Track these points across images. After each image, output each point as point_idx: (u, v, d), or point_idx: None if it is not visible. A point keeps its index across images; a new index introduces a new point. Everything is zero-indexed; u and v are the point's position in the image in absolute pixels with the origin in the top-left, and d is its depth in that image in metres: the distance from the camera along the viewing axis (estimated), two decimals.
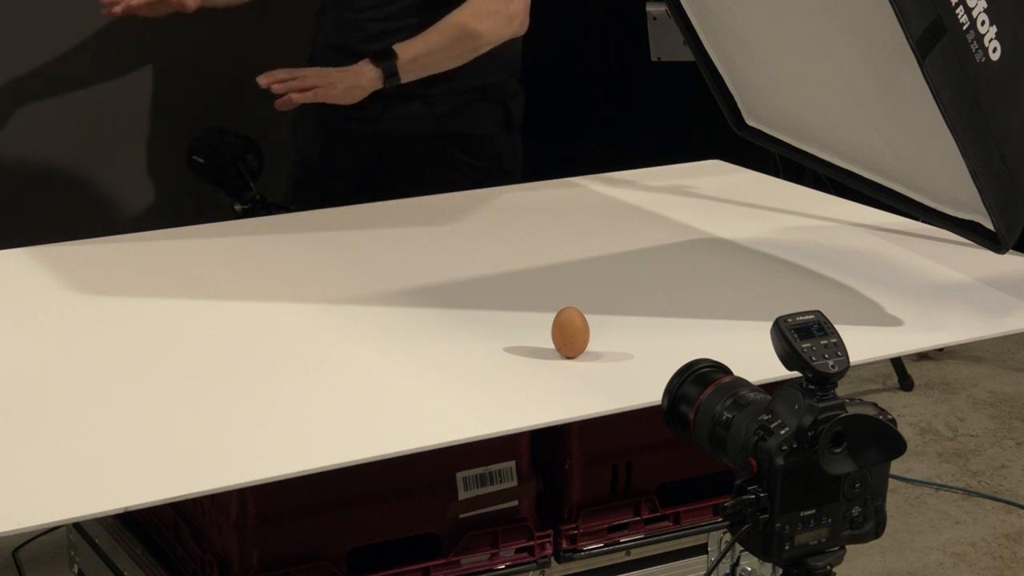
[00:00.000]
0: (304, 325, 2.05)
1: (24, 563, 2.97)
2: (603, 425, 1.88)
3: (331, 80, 2.78)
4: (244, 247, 2.44)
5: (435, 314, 2.08)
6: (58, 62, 3.64)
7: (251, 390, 1.83)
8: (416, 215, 2.60)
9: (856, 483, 1.42)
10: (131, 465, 1.62)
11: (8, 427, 1.71)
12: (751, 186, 2.77)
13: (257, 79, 2.74)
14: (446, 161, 2.93)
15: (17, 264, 2.32)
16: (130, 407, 1.77)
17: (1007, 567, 3.23)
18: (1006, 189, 1.94)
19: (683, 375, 1.50)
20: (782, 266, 2.28)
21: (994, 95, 1.88)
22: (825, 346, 1.40)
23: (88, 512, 1.59)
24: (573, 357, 1.89)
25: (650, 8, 4.05)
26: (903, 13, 1.79)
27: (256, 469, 1.60)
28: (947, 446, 3.81)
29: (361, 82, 2.80)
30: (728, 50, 2.36)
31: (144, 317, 2.08)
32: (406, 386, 1.83)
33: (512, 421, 1.74)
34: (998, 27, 1.86)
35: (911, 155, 2.11)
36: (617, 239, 2.42)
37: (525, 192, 2.77)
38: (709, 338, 1.98)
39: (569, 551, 2.00)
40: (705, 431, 1.46)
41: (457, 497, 1.92)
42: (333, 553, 1.87)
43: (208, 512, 1.89)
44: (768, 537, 1.40)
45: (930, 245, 2.37)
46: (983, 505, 3.50)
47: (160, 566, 2.02)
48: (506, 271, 2.28)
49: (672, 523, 2.06)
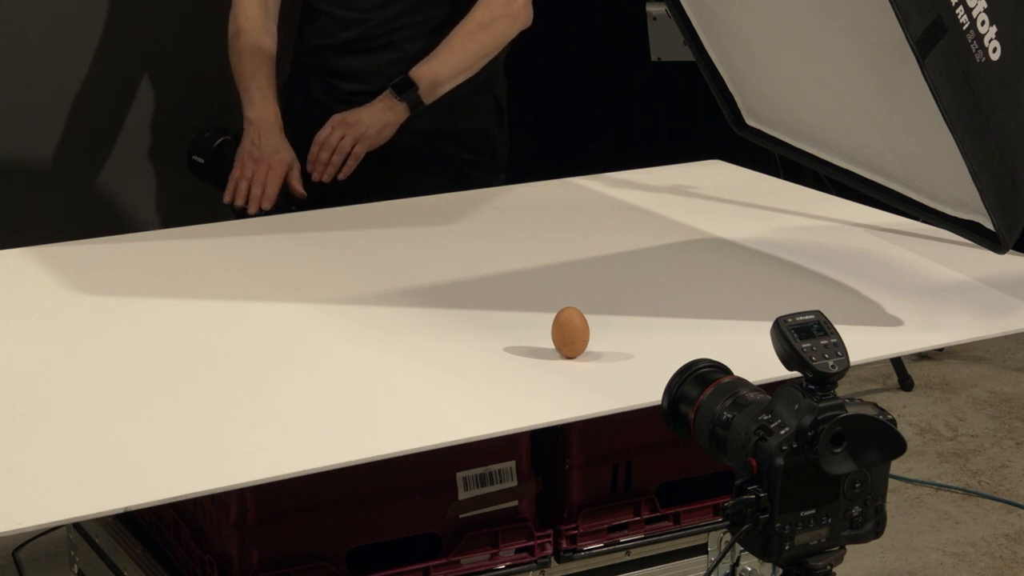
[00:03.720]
0: (304, 325, 2.05)
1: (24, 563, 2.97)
2: (603, 425, 1.88)
3: (362, 131, 2.80)
4: (244, 247, 2.44)
5: (435, 314, 2.08)
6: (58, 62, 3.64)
7: (251, 390, 1.83)
8: (416, 215, 2.60)
9: (856, 483, 1.42)
10: (131, 465, 1.62)
11: (8, 427, 1.71)
12: (751, 186, 2.77)
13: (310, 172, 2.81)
14: (442, 158, 2.93)
15: (17, 264, 2.32)
16: (130, 407, 1.77)
17: (1007, 567, 3.23)
18: (1006, 189, 1.94)
19: (683, 375, 1.50)
20: (782, 266, 2.28)
21: (994, 95, 1.88)
22: (825, 346, 1.40)
23: (88, 512, 1.59)
24: (573, 357, 1.89)
25: (650, 8, 4.06)
26: (903, 13, 1.79)
27: (256, 469, 1.60)
28: (947, 446, 3.81)
29: (390, 119, 2.81)
30: (728, 50, 2.36)
31: (144, 317, 2.08)
32: (406, 386, 1.83)
33: (512, 421, 1.74)
34: (998, 27, 1.86)
35: (911, 155, 2.11)
36: (617, 239, 2.42)
37: (525, 192, 2.77)
38: (709, 338, 1.98)
39: (569, 551, 2.00)
40: (705, 431, 1.46)
41: (457, 497, 1.92)
42: (333, 553, 1.87)
43: (208, 512, 1.89)
44: (768, 537, 1.40)
45: (930, 245, 2.37)
46: (983, 505, 3.50)
47: (160, 566, 2.02)
48: (506, 271, 2.28)
49: (672, 523, 2.06)
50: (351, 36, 2.89)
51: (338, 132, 2.81)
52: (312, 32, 2.95)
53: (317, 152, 2.82)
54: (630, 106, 4.92)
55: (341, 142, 2.80)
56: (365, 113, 2.81)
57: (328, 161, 2.80)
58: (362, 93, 2.87)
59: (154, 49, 3.76)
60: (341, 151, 2.80)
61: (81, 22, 3.65)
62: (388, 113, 2.81)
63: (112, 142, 3.77)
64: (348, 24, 2.89)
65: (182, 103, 3.77)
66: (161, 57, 3.76)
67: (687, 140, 4.67)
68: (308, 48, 2.96)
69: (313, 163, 2.82)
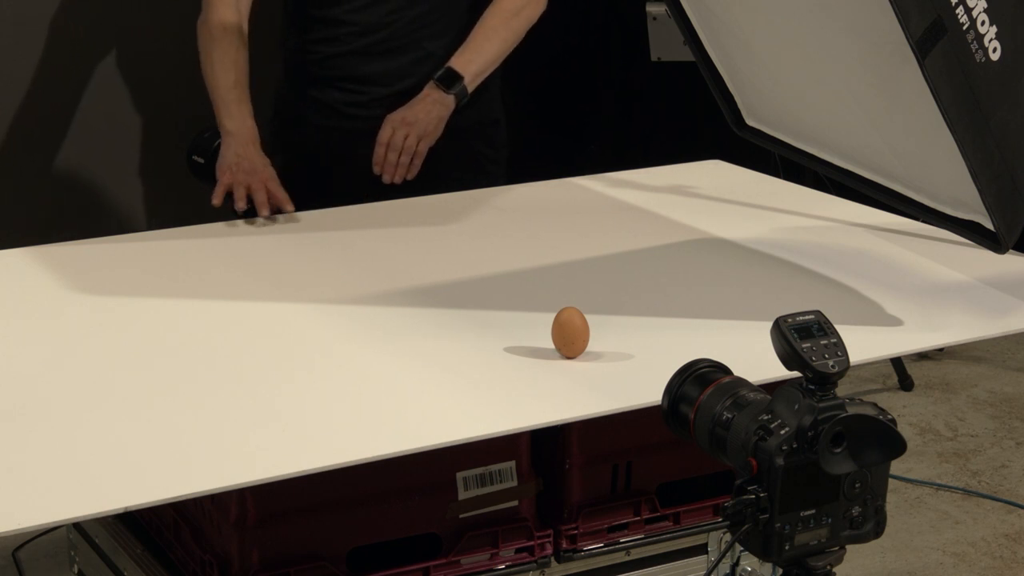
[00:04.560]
0: (304, 325, 2.05)
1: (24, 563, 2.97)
2: (603, 425, 1.88)
3: (424, 128, 2.78)
4: (244, 247, 2.44)
5: (435, 314, 2.08)
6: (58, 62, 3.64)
7: (251, 390, 1.83)
8: (416, 215, 2.60)
9: (856, 483, 1.42)
10: (131, 465, 1.62)
11: (8, 427, 1.71)
12: (751, 186, 2.77)
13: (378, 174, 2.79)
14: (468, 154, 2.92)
15: (17, 264, 2.32)
16: (130, 407, 1.77)
17: (1007, 567, 3.23)
18: (1006, 189, 1.94)
19: (683, 375, 1.50)
20: (782, 266, 2.28)
21: (994, 95, 1.88)
22: (825, 346, 1.40)
23: (88, 512, 1.59)
24: (573, 357, 1.89)
25: (650, 8, 4.06)
26: (903, 13, 1.79)
27: (256, 469, 1.60)
28: (947, 446, 3.81)
29: (443, 113, 2.80)
30: (728, 50, 2.36)
31: (144, 317, 2.08)
32: (406, 386, 1.83)
33: (512, 421, 1.75)
34: (998, 27, 1.86)
35: (911, 155, 2.11)
36: (617, 239, 2.42)
37: (525, 192, 2.77)
38: (709, 338, 1.98)
39: (569, 551, 2.00)
40: (705, 431, 1.46)
41: (457, 497, 1.92)
42: (333, 553, 1.87)
43: (208, 512, 1.89)
44: (768, 537, 1.40)
45: (930, 245, 2.37)
46: (983, 505, 3.50)
47: (160, 566, 2.03)
48: (506, 271, 2.28)
49: (672, 523, 2.06)
50: (372, 41, 2.87)
51: (401, 132, 2.78)
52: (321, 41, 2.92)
53: (384, 154, 2.78)
54: (630, 106, 4.92)
55: (406, 142, 2.78)
56: (420, 110, 2.79)
57: (397, 162, 2.79)
58: (388, 96, 2.86)
59: (154, 49, 3.76)
60: (408, 151, 2.78)
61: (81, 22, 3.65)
62: (440, 107, 2.80)
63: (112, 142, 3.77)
64: (367, 29, 2.87)
65: (182, 103, 3.77)
66: (161, 57, 3.76)
67: (687, 140, 4.67)
68: (318, 59, 2.93)
69: (382, 165, 2.79)
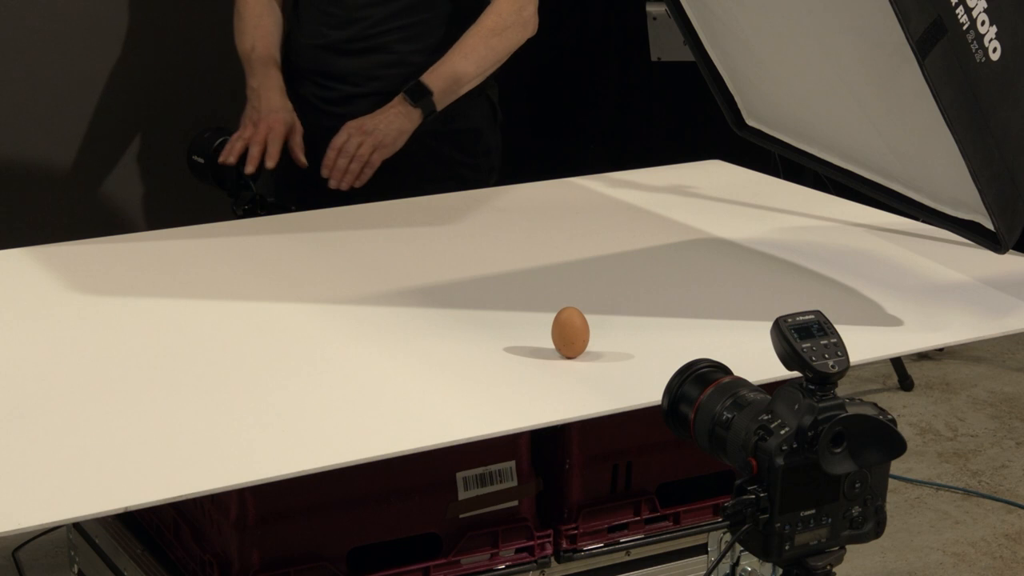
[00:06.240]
0: (304, 325, 2.05)
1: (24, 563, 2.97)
2: (603, 425, 1.88)
3: (380, 139, 2.75)
4: (244, 247, 2.44)
5: (435, 314, 2.08)
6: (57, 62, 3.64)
7: (251, 390, 1.83)
8: (416, 215, 2.60)
9: (856, 483, 1.42)
10: (131, 465, 1.62)
11: (8, 427, 1.71)
12: (751, 186, 2.77)
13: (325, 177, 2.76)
14: (437, 159, 2.92)
15: (17, 264, 2.32)
16: (130, 407, 1.77)
17: (1007, 567, 3.23)
18: (1006, 189, 1.94)
19: (683, 375, 1.50)
20: (782, 266, 2.28)
21: (994, 95, 1.88)
22: (825, 346, 1.40)
23: (88, 512, 1.59)
24: (573, 357, 1.89)
25: (650, 8, 4.06)
26: (903, 13, 1.79)
27: (256, 469, 1.60)
28: (947, 446, 3.81)
29: (405, 126, 2.77)
30: (728, 50, 2.36)
31: (144, 317, 2.08)
32: (406, 386, 1.83)
33: (512, 421, 1.74)
34: (998, 27, 1.86)
35: (911, 155, 2.11)
36: (617, 239, 2.42)
37: (525, 192, 2.77)
38: (709, 338, 1.98)
39: (569, 551, 2.00)
40: (705, 431, 1.46)
41: (457, 497, 1.92)
42: (333, 553, 1.87)
43: (208, 512, 1.89)
44: (768, 537, 1.40)
45: (930, 245, 2.37)
46: (983, 505, 3.51)
47: (160, 566, 2.02)
48: (506, 271, 2.28)
49: (672, 523, 2.06)
50: (343, 36, 2.87)
51: (356, 139, 2.75)
52: (301, 31, 2.94)
53: (335, 159, 2.75)
54: (630, 106, 4.92)
55: (359, 150, 2.74)
56: (381, 120, 2.77)
57: (346, 169, 2.75)
58: (355, 96, 2.86)
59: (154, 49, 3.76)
60: (359, 159, 2.74)
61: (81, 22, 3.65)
62: (403, 120, 2.77)
63: (112, 142, 3.77)
64: (339, 23, 2.87)
65: (182, 103, 3.77)
66: (162, 57, 3.76)
67: (687, 140, 4.68)
68: (297, 48, 2.94)
69: (330, 169, 2.75)
